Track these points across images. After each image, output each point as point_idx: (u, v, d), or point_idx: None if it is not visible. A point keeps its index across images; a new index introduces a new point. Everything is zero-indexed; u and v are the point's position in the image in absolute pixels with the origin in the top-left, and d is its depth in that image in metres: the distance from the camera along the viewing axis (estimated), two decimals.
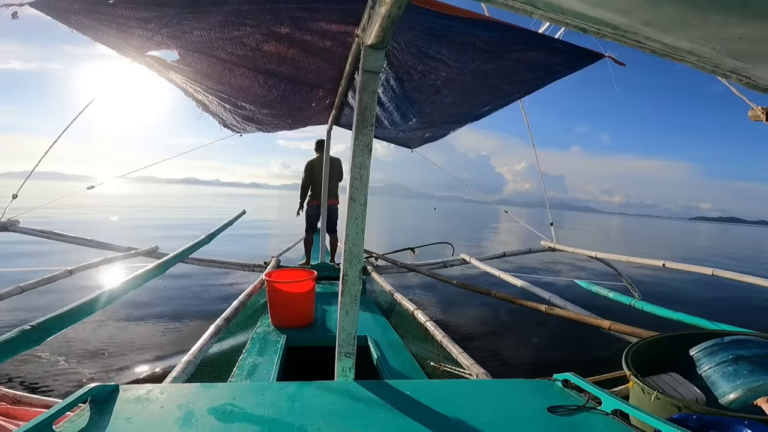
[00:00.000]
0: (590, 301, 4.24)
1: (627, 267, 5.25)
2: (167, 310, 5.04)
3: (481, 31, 1.89)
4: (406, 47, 2.12)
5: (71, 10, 1.73)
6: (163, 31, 1.93)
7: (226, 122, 3.87)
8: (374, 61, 1.41)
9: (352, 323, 1.58)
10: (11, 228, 4.30)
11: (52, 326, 1.39)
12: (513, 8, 1.06)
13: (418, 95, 2.76)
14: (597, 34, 1.14)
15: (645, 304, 3.46)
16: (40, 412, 1.27)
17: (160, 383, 1.46)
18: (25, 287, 3.34)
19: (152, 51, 2.15)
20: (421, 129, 3.88)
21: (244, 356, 2.54)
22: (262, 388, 1.39)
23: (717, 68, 1.20)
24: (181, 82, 2.75)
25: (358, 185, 1.49)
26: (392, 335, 3.04)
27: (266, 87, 2.75)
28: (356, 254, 1.53)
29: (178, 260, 2.66)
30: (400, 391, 1.39)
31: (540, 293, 3.77)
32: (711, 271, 3.63)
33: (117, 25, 1.84)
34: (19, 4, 1.62)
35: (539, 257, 10.12)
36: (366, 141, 1.47)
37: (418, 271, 5.10)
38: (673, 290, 8.46)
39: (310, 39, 2.09)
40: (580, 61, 2.18)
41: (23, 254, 8.07)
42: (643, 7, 0.92)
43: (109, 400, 1.21)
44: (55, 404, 1.09)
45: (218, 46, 2.13)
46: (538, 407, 1.30)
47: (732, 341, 1.72)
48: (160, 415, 1.15)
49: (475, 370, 2.11)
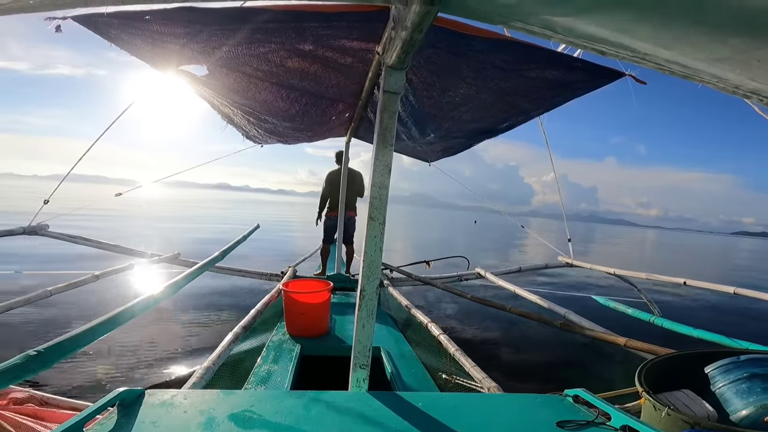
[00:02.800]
0: (607, 317, 4.17)
1: (647, 284, 5.15)
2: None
3: (501, 51, 1.92)
4: (425, 64, 2.16)
5: (110, 24, 1.83)
6: (194, 47, 2.02)
7: (249, 134, 3.97)
8: (395, 81, 1.45)
9: (368, 336, 1.60)
10: (41, 232, 4.48)
11: (97, 331, 1.46)
12: (532, 32, 1.09)
13: (436, 111, 2.80)
14: (616, 57, 1.16)
15: (665, 321, 3.39)
16: (67, 414, 1.33)
17: (180, 388, 1.51)
18: (53, 291, 3.45)
19: (183, 66, 2.25)
20: (438, 143, 3.92)
21: (260, 363, 2.58)
22: (280, 396, 1.42)
23: (737, 89, 1.21)
24: (209, 96, 2.85)
25: (377, 204, 1.51)
26: (405, 347, 3.05)
27: (289, 101, 2.83)
28: (374, 270, 1.56)
29: (201, 272, 2.75)
30: (412, 404, 1.40)
31: (556, 309, 3.73)
32: (733, 289, 3.55)
33: (152, 40, 1.93)
34: (62, 18, 1.72)
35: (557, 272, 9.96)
36: (386, 161, 1.50)
37: (432, 284, 5.10)
38: (695, 308, 8.23)
39: (332, 56, 2.16)
40: (599, 79, 2.19)
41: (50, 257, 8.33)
42: (662, 33, 0.94)
43: (136, 404, 1.26)
44: (81, 407, 1.14)
45: (245, 62, 2.22)
46: (547, 422, 1.30)
47: (748, 359, 1.70)
48: (184, 420, 1.19)
49: (486, 383, 2.11)
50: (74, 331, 1.46)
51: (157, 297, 2.06)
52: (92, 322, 1.56)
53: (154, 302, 2.05)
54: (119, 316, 1.69)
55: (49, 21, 1.72)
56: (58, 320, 4.47)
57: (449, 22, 1.69)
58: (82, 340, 1.45)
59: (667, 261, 22.58)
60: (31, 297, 3.29)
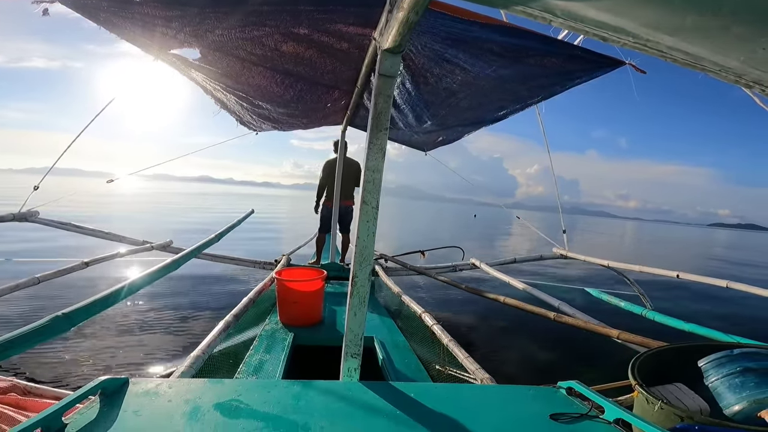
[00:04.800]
0: (600, 309, 4.19)
1: (640, 276, 5.17)
2: (179, 302, 5.11)
3: (499, 36, 1.88)
4: (422, 50, 2.12)
5: (99, 7, 1.78)
6: (185, 30, 1.97)
7: (243, 120, 3.92)
8: (390, 65, 1.42)
9: (359, 325, 1.59)
10: (31, 219, 4.41)
11: (81, 314, 1.46)
12: (532, 15, 1.05)
13: (433, 98, 2.76)
14: (617, 43, 1.13)
15: (656, 314, 3.40)
16: (50, 404, 1.30)
17: (168, 378, 1.49)
18: (42, 278, 3.41)
19: (175, 49, 2.20)
20: (435, 132, 3.88)
21: (252, 353, 2.56)
22: (268, 385, 1.40)
23: (740, 78, 1.18)
24: (202, 80, 2.79)
25: (371, 188, 1.49)
26: (398, 337, 3.04)
27: (283, 86, 2.78)
28: (367, 257, 1.54)
29: (191, 256, 2.72)
30: (405, 393, 1.39)
31: (549, 300, 3.73)
32: (725, 283, 3.56)
33: (142, 23, 1.88)
34: (50, 1, 1.66)
35: (550, 263, 10.01)
36: (380, 145, 1.48)
37: (427, 274, 5.09)
38: (687, 300, 8.31)
39: (328, 40, 2.11)
40: (599, 68, 2.16)
41: (38, 243, 8.25)
42: (665, 18, 0.91)
43: (119, 392, 1.23)
44: (65, 396, 1.11)
45: (238, 46, 2.17)
46: (540, 414, 1.29)
47: (741, 353, 1.70)
48: (168, 409, 1.17)
49: (480, 375, 2.11)
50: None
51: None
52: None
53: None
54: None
55: (35, 5, 1.66)
56: (49, 308, 4.43)
57: (448, 7, 1.65)
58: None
59: (647, 253, 22.74)
60: (20, 284, 3.26)
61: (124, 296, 1.81)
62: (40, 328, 1.28)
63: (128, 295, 1.88)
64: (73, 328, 1.41)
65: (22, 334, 1.25)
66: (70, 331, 1.43)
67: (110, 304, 1.71)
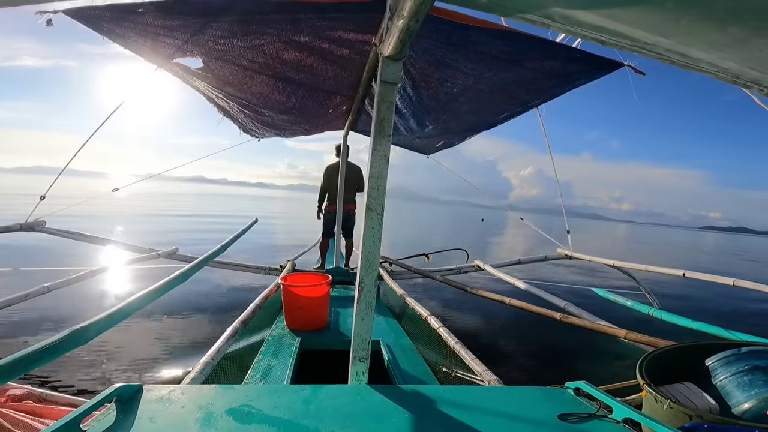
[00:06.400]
0: (607, 309, 4.17)
1: (646, 275, 5.15)
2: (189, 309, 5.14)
3: (498, 41, 1.90)
4: (423, 55, 2.14)
5: (102, 17, 1.81)
6: (188, 39, 1.99)
7: (246, 127, 3.94)
8: (392, 72, 1.43)
9: (366, 329, 1.60)
10: (38, 228, 4.45)
11: (97, 327, 1.48)
12: (530, 21, 1.07)
13: (434, 103, 2.78)
14: (615, 46, 1.15)
15: (664, 314, 3.39)
16: (65, 411, 1.33)
17: (179, 383, 1.51)
18: (51, 287, 3.44)
19: (178, 58, 2.22)
20: (437, 136, 3.89)
21: (259, 358, 2.58)
22: (278, 390, 1.42)
23: (738, 79, 1.19)
24: (204, 88, 2.82)
25: (375, 195, 1.51)
26: (405, 340, 3.05)
27: (285, 94, 2.81)
28: (372, 262, 1.55)
29: (200, 267, 2.76)
30: (413, 396, 1.40)
31: (555, 301, 3.73)
32: (732, 281, 3.54)
33: (145, 32, 1.91)
34: (53, 12, 1.69)
35: (556, 263, 9.98)
36: (383, 151, 1.49)
37: (431, 277, 5.09)
38: (694, 299, 8.26)
39: (328, 47, 2.13)
40: (598, 70, 2.17)
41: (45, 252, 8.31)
42: (662, 21, 0.93)
43: (134, 399, 1.25)
44: (80, 403, 1.13)
45: (240, 54, 2.19)
46: (548, 415, 1.30)
47: (749, 352, 1.69)
48: (182, 416, 1.19)
49: (487, 376, 2.11)
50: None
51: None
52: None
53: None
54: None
55: (39, 15, 1.69)
56: (59, 315, 4.47)
57: (447, 12, 1.67)
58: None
59: (636, 251, 22.54)
60: (30, 293, 3.28)
61: (136, 309, 1.84)
62: (59, 342, 1.30)
63: (140, 308, 1.91)
64: (93, 340, 1.45)
65: (42, 349, 1.28)
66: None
67: (122, 318, 1.75)
